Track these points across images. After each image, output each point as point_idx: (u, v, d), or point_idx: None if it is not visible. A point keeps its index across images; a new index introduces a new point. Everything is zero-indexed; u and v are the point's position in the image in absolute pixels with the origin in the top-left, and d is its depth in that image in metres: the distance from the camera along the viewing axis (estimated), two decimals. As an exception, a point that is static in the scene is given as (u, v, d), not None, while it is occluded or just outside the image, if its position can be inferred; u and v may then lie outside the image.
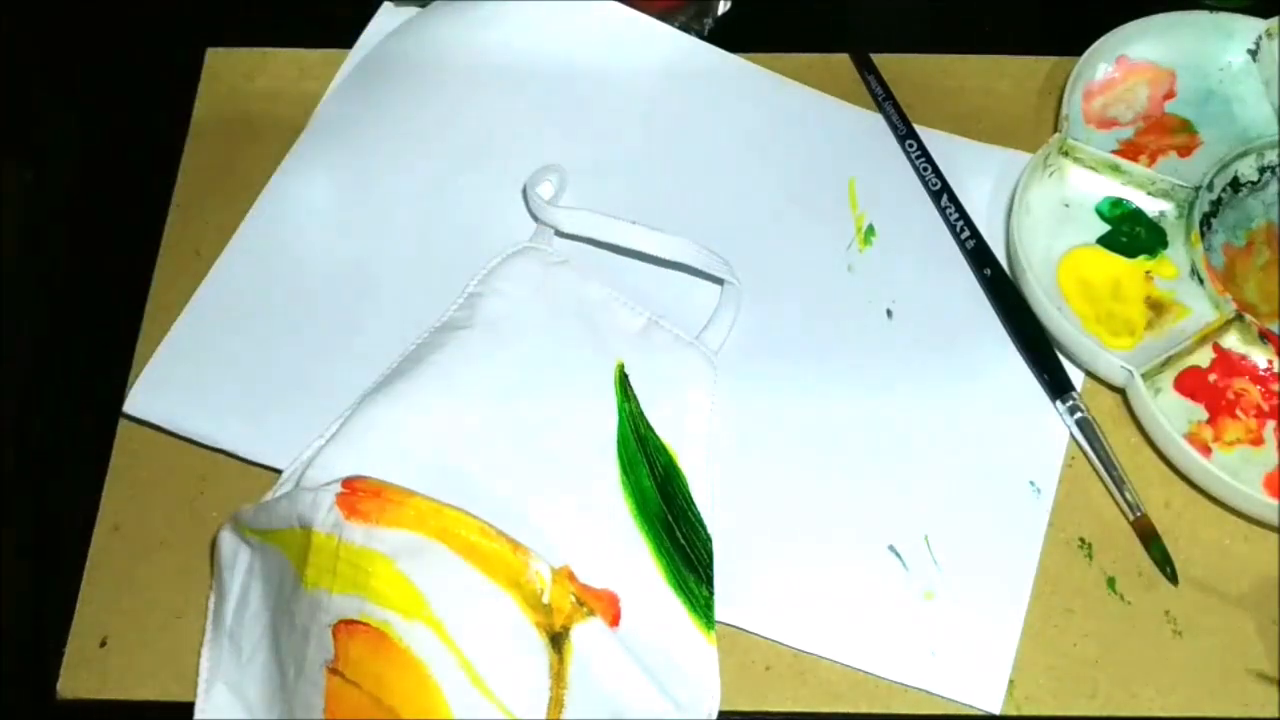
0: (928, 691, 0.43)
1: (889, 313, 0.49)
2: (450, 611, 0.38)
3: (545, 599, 0.38)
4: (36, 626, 0.45)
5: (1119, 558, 0.45)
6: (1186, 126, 0.51)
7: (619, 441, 0.45)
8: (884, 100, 0.53)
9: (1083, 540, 0.45)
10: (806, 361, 0.47)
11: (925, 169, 0.51)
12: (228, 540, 0.43)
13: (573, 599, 0.39)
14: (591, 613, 0.39)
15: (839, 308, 0.50)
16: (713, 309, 0.49)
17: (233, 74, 0.56)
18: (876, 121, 0.53)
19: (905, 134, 0.52)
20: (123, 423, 0.48)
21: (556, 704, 0.38)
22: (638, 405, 0.46)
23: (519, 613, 0.38)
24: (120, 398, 0.48)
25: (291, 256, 0.51)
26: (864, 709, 0.43)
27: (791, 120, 0.54)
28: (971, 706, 0.43)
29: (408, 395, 0.44)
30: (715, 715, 0.42)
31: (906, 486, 0.46)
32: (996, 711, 0.42)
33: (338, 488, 0.39)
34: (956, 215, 0.50)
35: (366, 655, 0.38)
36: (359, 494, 0.38)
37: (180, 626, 0.45)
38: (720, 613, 0.44)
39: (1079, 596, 0.44)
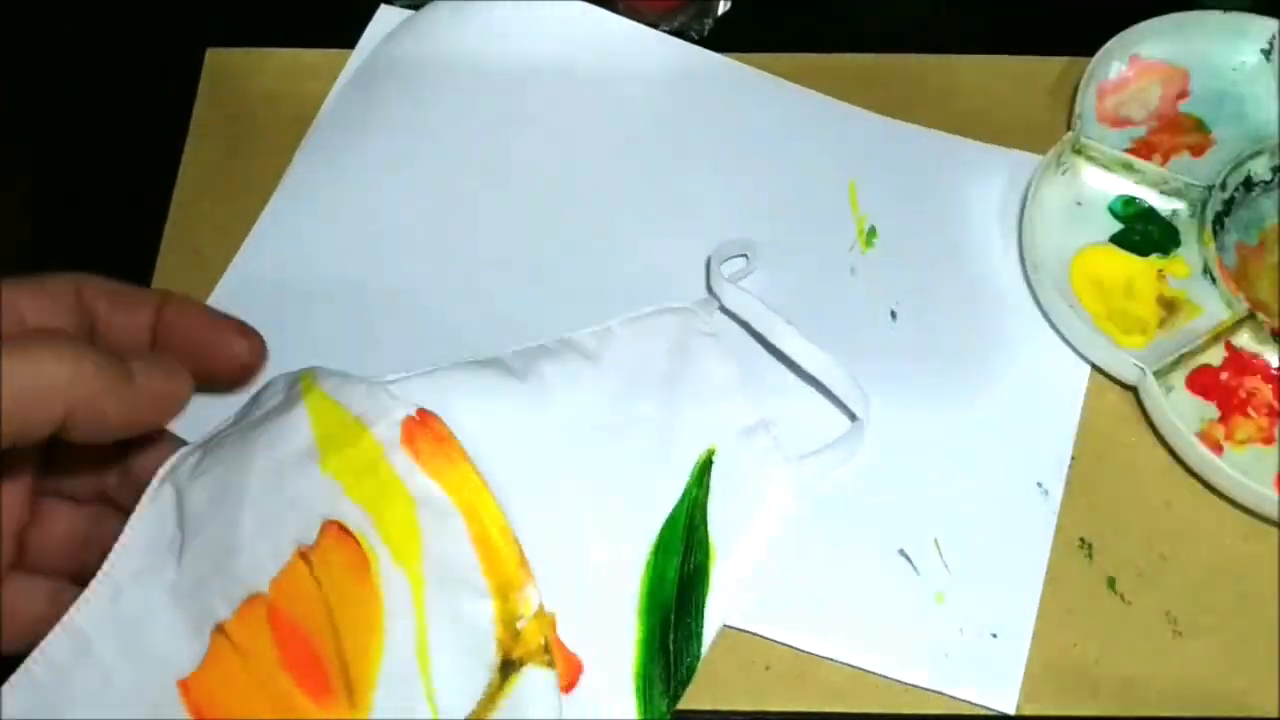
0: (942, 693, 0.45)
1: (893, 314, 0.51)
2: (435, 579, 0.40)
3: (520, 625, 0.40)
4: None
5: (1119, 558, 0.47)
6: (1200, 126, 0.53)
7: (668, 521, 0.46)
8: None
9: (1083, 540, 0.47)
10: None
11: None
12: (279, 381, 0.44)
13: (543, 642, 0.40)
14: (552, 664, 0.40)
15: (842, 310, 0.51)
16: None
17: (233, 74, 0.58)
18: (876, 122, 0.55)
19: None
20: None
21: None
22: (706, 496, 0.46)
23: (491, 621, 0.40)
24: (121, 398, 0.50)
25: (301, 266, 0.53)
26: (865, 709, 0.45)
27: (791, 122, 0.56)
28: (986, 707, 0.44)
29: (503, 384, 0.45)
30: None
31: (915, 489, 0.48)
32: (1011, 711, 0.44)
33: (413, 410, 0.41)
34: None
35: (341, 566, 0.39)
36: (427, 428, 0.40)
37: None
38: (732, 617, 0.46)
39: (1079, 596, 0.46)
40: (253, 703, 0.39)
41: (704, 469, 0.46)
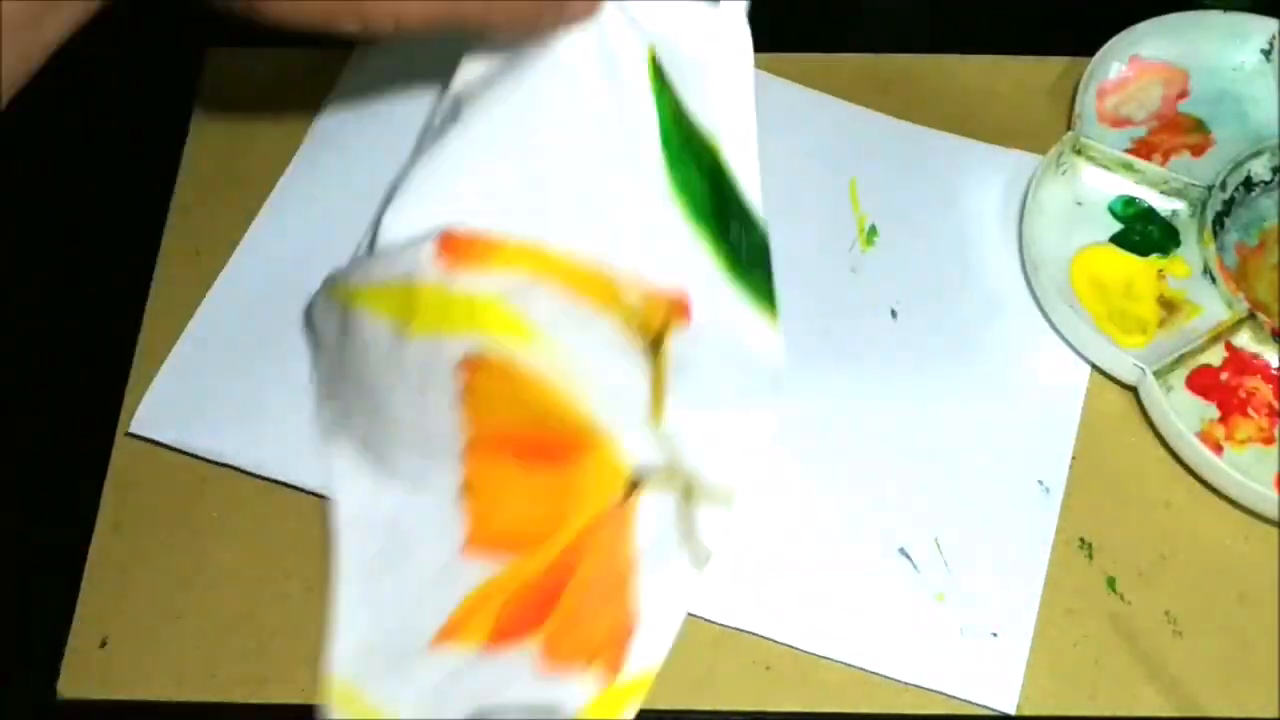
0: (942, 693, 0.45)
1: (893, 313, 0.52)
2: (563, 334, 0.43)
3: (638, 309, 0.44)
4: (36, 627, 0.47)
5: (1119, 558, 0.47)
6: (1199, 126, 0.54)
7: (663, 139, 0.45)
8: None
9: (1083, 540, 0.47)
10: (811, 364, 0.49)
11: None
12: (320, 305, 0.47)
13: (663, 311, 0.44)
14: (682, 320, 0.44)
15: (843, 309, 0.52)
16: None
17: (233, 74, 0.58)
18: (877, 121, 0.56)
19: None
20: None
21: (657, 405, 0.45)
22: (675, 95, 0.45)
23: (621, 327, 0.44)
24: (120, 397, 0.50)
25: (300, 265, 0.53)
26: (865, 709, 0.45)
27: (792, 121, 0.56)
28: (986, 707, 0.45)
29: (464, 138, 0.45)
30: (779, 393, 0.47)
31: (915, 488, 0.48)
32: (1011, 711, 0.45)
33: (433, 244, 0.42)
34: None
35: (494, 385, 0.43)
36: (458, 245, 0.42)
37: (180, 627, 0.47)
38: (730, 616, 0.46)
39: (1079, 596, 0.46)
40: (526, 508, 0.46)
41: (656, 72, 0.44)
